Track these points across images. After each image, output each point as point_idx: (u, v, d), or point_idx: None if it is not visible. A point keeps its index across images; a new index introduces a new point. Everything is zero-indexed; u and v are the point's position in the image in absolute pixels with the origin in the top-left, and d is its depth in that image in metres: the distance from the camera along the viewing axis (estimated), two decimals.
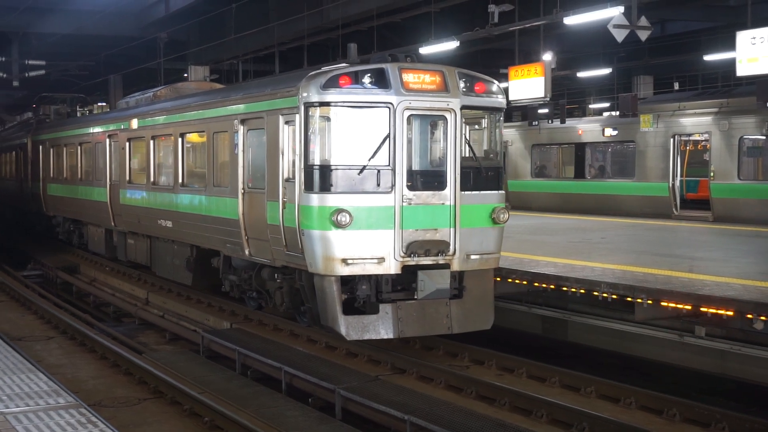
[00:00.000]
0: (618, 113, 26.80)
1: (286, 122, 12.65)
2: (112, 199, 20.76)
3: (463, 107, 12.44)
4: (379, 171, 11.99)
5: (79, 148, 23.81)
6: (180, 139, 17.02)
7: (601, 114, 37.39)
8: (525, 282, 14.39)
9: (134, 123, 19.48)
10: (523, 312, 15.16)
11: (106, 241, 22.04)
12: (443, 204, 12.35)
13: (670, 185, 24.31)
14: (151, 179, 18.53)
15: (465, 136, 12.63)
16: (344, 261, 11.86)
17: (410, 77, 12.18)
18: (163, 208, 17.76)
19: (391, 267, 12.05)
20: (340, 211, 11.76)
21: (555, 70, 23.86)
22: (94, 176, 22.29)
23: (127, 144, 19.90)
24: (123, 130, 20.17)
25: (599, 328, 13.85)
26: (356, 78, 11.99)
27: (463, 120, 12.56)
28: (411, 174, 12.20)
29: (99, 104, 50.42)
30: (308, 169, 12.07)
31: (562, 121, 27.86)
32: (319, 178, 11.99)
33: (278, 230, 12.82)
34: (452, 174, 12.40)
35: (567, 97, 37.16)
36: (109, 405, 11.12)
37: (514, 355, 12.90)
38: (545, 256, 16.01)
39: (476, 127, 13.22)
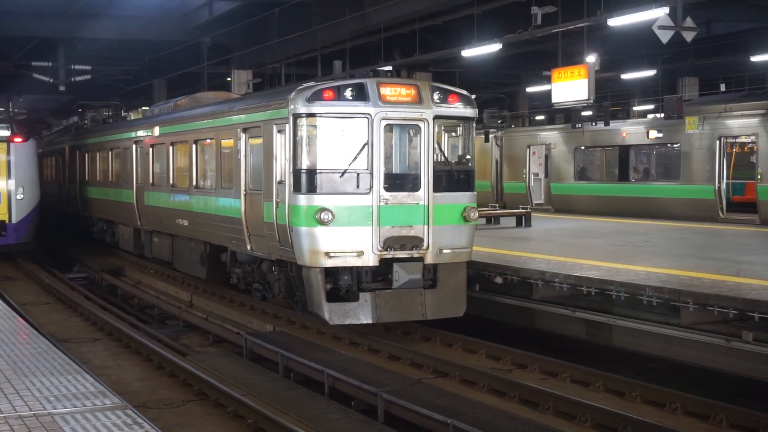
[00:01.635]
0: (663, 115, 26.52)
1: (279, 131, 14.12)
2: (138, 200, 22.59)
3: (435, 117, 13.95)
4: (358, 174, 13.57)
5: (110, 153, 25.75)
6: (194, 146, 18.64)
7: (645, 116, 37.02)
8: (568, 285, 14.28)
9: (156, 130, 21.26)
10: (566, 316, 15.04)
11: (134, 239, 23.82)
12: (417, 204, 13.86)
13: (716, 188, 24.01)
14: (171, 182, 20.24)
15: (438, 143, 14.13)
16: (327, 254, 13.40)
17: (387, 90, 13.73)
18: (180, 209, 19.42)
19: (370, 260, 13.58)
20: (323, 209, 13.34)
21: (598, 72, 23.69)
22: (123, 179, 24.10)
23: (151, 150, 21.65)
24: (147, 137, 21.98)
25: (644, 332, 13.70)
26: (338, 92, 13.54)
27: (441, 128, 14.37)
28: (388, 177, 13.73)
29: (143, 108, 51.01)
30: (296, 172, 13.64)
31: (606, 124, 27.64)
32: (306, 180, 13.55)
33: (273, 227, 14.33)
34: (426, 177, 13.91)
35: (611, 99, 36.85)
36: (153, 406, 11.22)
37: (558, 359, 12.82)
38: (589, 260, 15.90)
39: (453, 134, 14.79)
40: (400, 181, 13.93)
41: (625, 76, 36.02)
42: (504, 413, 10.30)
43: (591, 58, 21.88)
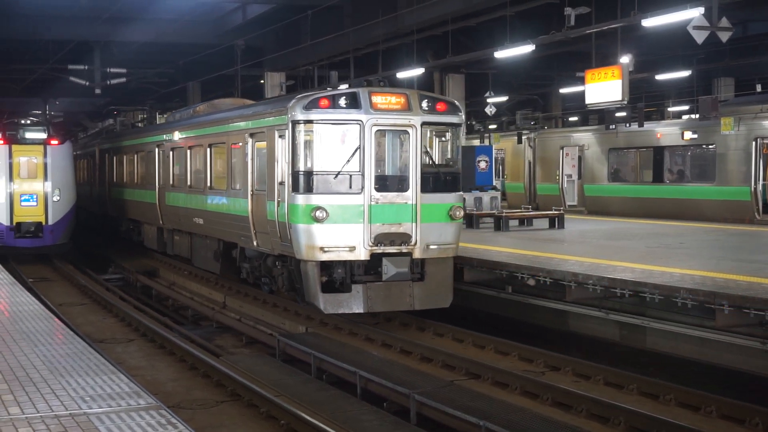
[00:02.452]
0: (698, 116, 26.30)
1: (280, 136, 15.27)
2: (160, 200, 23.95)
3: (423, 123, 14.98)
4: (351, 176, 14.64)
5: (135, 156, 27.10)
6: (208, 149, 19.96)
7: (680, 117, 36.73)
8: (602, 287, 14.21)
9: (176, 135, 22.74)
10: (599, 318, 14.96)
11: (158, 237, 25.05)
12: (406, 203, 14.92)
13: (752, 189, 23.77)
14: (188, 183, 21.58)
15: (425, 147, 15.11)
16: (322, 249, 14.55)
17: (378, 99, 14.78)
18: (197, 208, 20.70)
19: (361, 254, 14.66)
20: (318, 208, 14.45)
21: (632, 72, 23.50)
22: (147, 181, 25.44)
23: (171, 153, 23.03)
24: (167, 141, 23.40)
25: (678, 334, 13.60)
26: (333, 100, 14.62)
27: (432, 133, 15.39)
28: (378, 178, 14.80)
29: (166, 113, 51.40)
30: (295, 174, 14.78)
31: (641, 125, 27.45)
32: (303, 181, 14.69)
33: (275, 225, 15.50)
34: (414, 178, 14.96)
35: (645, 100, 36.57)
36: (187, 407, 11.30)
37: (591, 362, 12.75)
38: (622, 261, 15.80)
39: (443, 139, 15.71)
40: (389, 182, 14.99)
41: (659, 77, 35.75)
42: (537, 415, 10.26)
43: (625, 59, 21.73)
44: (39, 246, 26.31)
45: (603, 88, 21.08)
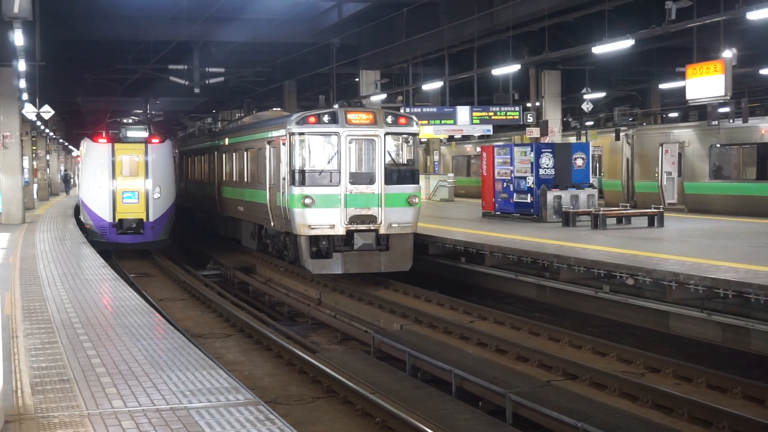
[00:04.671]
0: None
1: (283, 144, 20.07)
2: (219, 193, 28.43)
3: (386, 134, 19.64)
4: (331, 173, 19.48)
5: (202, 157, 31.90)
6: (246, 153, 24.57)
7: None
8: (704, 288, 13.85)
9: (227, 140, 27.55)
10: (701, 319, 14.59)
11: (219, 223, 29.88)
12: (373, 193, 19.54)
13: None
14: (234, 179, 26.26)
15: (388, 151, 19.65)
16: (310, 227, 19.31)
17: (352, 116, 19.60)
18: (239, 198, 25.40)
19: (340, 230, 19.40)
20: (307, 196, 19.27)
21: (736, 67, 22.85)
22: (209, 178, 30.11)
23: (224, 155, 27.75)
24: (222, 145, 28.15)
25: None
26: (319, 117, 19.56)
27: (399, 140, 19.89)
28: (352, 174, 19.49)
29: (274, 109, 52.00)
30: (292, 171, 19.64)
31: (744, 120, 26.65)
32: (297, 177, 19.53)
33: (281, 210, 20.31)
34: (379, 174, 19.56)
35: (749, 96, 35.55)
36: (283, 402, 11.40)
37: (692, 363, 12.43)
38: (725, 261, 15.37)
39: (408, 144, 20.14)
40: (361, 177, 19.55)
41: (764, 72, 34.68)
42: (636, 418, 10.06)
43: (728, 53, 21.13)
44: (140, 242, 26.93)
45: (705, 83, 20.53)
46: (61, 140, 63.56)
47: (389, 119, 19.68)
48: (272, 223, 21.45)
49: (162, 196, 26.81)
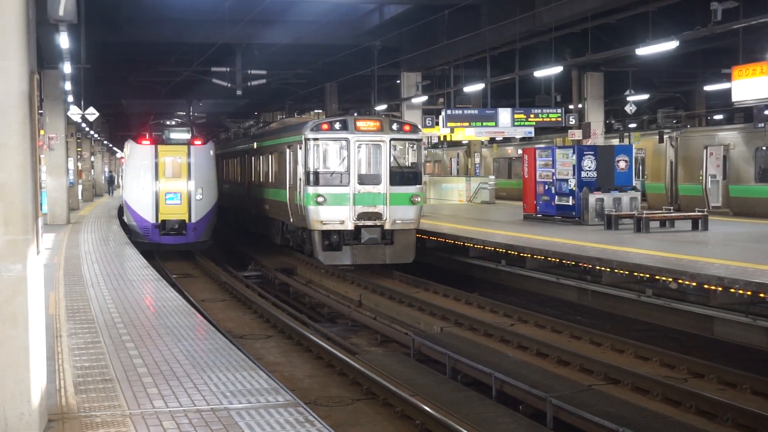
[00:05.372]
0: None
1: (299, 148, 22.21)
2: (248, 193, 30.88)
3: (391, 140, 21.75)
4: (341, 174, 21.61)
5: (236, 159, 34.45)
6: (270, 155, 26.79)
7: None
8: (749, 292, 13.65)
9: (255, 144, 29.86)
10: (746, 324, 14.38)
11: (248, 221, 31.95)
12: (379, 192, 21.59)
13: None
14: (260, 180, 28.65)
15: (393, 155, 21.71)
16: (323, 222, 21.45)
17: (361, 123, 21.72)
18: (265, 198, 27.72)
19: (349, 226, 21.45)
20: (320, 195, 21.39)
21: None
22: (242, 179, 32.50)
23: (252, 158, 30.22)
24: (251, 149, 30.52)
25: None
26: (331, 125, 21.77)
27: (404, 146, 21.98)
28: (360, 176, 21.61)
29: (315, 111, 52.16)
30: (306, 173, 21.80)
31: None
32: (311, 178, 21.66)
33: (298, 207, 22.42)
34: (385, 176, 21.65)
35: None
36: (323, 404, 11.42)
37: (737, 369, 12.26)
38: None
39: (413, 149, 22.22)
40: (368, 178, 21.65)
41: None
42: (679, 424, 9.94)
43: None
44: (182, 243, 27.13)
45: (751, 84, 20.22)
46: (105, 142, 64.27)
47: (394, 126, 21.88)
48: (291, 219, 23.58)
49: (204, 198, 27.01)
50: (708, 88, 38.65)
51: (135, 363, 9.18)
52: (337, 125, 21.63)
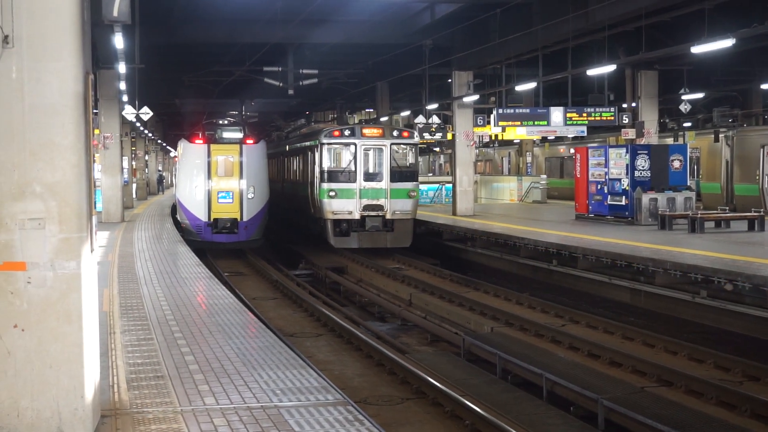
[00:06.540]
0: None
1: (316, 151, 26.74)
2: (283, 189, 35.31)
3: (392, 144, 26.40)
4: (349, 172, 26.15)
5: (276, 160, 38.56)
6: (298, 156, 31.44)
7: None
8: None
9: (287, 147, 34.80)
10: None
11: (282, 213, 35.84)
12: (382, 188, 26.04)
13: None
14: (292, 178, 33.23)
15: (393, 157, 26.26)
16: (334, 213, 25.86)
17: (366, 131, 26.55)
18: (295, 193, 32.00)
19: (356, 216, 25.87)
20: (331, 190, 25.83)
21: None
22: (278, 177, 36.71)
23: (286, 159, 35.18)
24: (285, 151, 35.45)
25: None
26: (341, 132, 26.63)
27: (403, 149, 26.69)
28: (365, 174, 26.10)
29: (366, 110, 52.22)
30: (321, 172, 26.40)
31: None
32: (325, 176, 26.23)
33: (317, 200, 26.72)
34: (386, 174, 26.15)
35: None
36: (373, 403, 11.42)
37: None
38: None
39: (412, 151, 27.10)
40: (372, 176, 26.16)
41: None
42: (734, 427, 9.78)
43: None
44: (234, 241, 27.34)
45: None
46: (159, 141, 65.00)
47: (395, 133, 26.91)
48: (312, 211, 27.86)
49: (256, 197, 27.19)
50: (765, 86, 37.98)
51: (186, 360, 9.26)
52: (347, 132, 26.49)
